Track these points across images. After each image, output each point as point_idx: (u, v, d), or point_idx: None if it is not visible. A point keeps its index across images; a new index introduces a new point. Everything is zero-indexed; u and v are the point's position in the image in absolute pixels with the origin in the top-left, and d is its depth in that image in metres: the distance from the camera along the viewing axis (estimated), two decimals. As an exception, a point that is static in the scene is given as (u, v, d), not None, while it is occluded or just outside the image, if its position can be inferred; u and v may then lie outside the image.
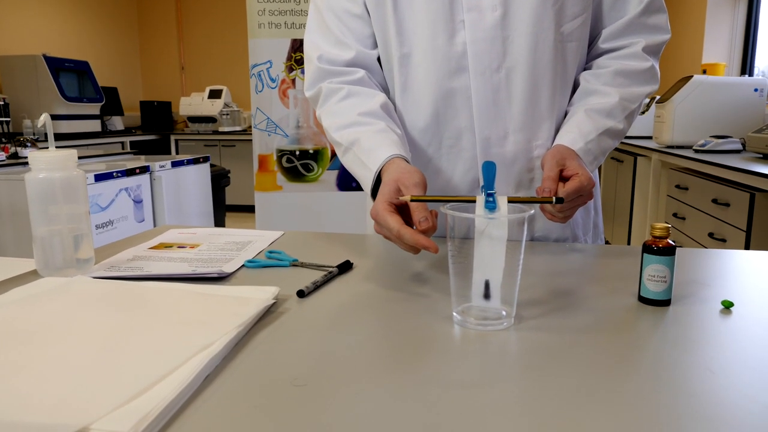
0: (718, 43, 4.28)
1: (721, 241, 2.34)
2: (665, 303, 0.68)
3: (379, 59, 1.01)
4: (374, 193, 0.84)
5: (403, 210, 0.74)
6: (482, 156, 0.94)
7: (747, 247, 2.16)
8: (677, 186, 2.84)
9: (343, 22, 0.99)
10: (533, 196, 0.76)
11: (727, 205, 2.30)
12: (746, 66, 4.21)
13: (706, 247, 2.49)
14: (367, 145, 0.87)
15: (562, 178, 0.82)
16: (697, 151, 2.80)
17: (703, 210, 2.53)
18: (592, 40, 0.99)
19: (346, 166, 0.94)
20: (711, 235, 2.43)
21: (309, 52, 1.01)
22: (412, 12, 0.93)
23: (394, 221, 0.71)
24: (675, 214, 2.85)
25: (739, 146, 2.75)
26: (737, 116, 3.00)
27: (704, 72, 3.83)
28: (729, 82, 3.10)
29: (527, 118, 0.93)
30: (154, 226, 2.84)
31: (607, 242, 4.28)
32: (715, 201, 2.39)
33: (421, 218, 0.70)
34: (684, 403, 0.46)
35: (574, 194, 0.80)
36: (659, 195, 3.30)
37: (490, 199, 0.63)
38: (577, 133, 0.90)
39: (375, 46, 1.01)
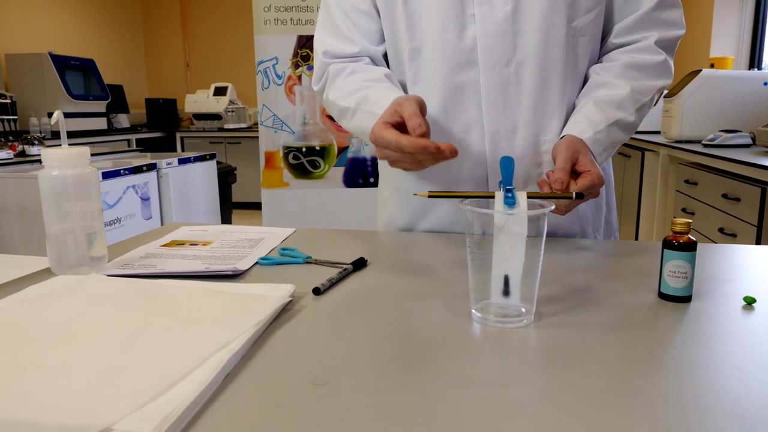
0: (726, 37, 4.25)
1: (732, 236, 2.33)
2: (686, 299, 0.67)
3: (385, 56, 1.02)
4: None
5: (401, 129, 0.76)
6: (491, 150, 0.94)
7: (758, 242, 2.14)
8: (686, 181, 2.82)
9: (350, 18, 1.00)
10: (553, 192, 0.75)
11: (738, 199, 2.28)
12: (755, 60, 4.18)
13: (716, 243, 2.48)
14: (374, 98, 0.89)
15: (574, 172, 0.81)
16: (706, 145, 2.78)
17: (713, 205, 2.51)
18: (605, 36, 0.97)
19: (354, 129, 0.95)
20: (721, 230, 2.41)
21: (316, 48, 1.03)
22: (422, 6, 0.93)
23: (391, 134, 0.74)
24: (684, 209, 2.83)
25: (749, 140, 2.73)
26: (747, 110, 2.98)
27: (712, 66, 3.80)
28: (738, 76, 3.07)
29: (536, 112, 0.93)
30: (162, 223, 2.84)
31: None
32: (725, 196, 2.38)
33: (415, 125, 0.72)
34: (712, 402, 0.45)
35: (584, 191, 0.79)
36: (668, 190, 3.28)
37: (509, 194, 0.62)
38: (587, 123, 0.89)
39: (381, 42, 1.01)
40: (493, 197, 0.63)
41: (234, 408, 0.45)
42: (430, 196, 0.68)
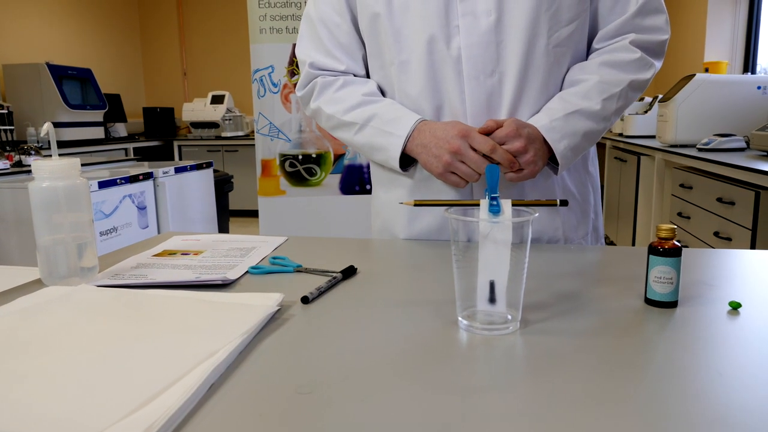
0: (720, 41, 4.28)
1: (727, 240, 2.33)
2: (672, 305, 0.67)
3: (367, 74, 1.05)
4: (402, 159, 0.95)
5: None
6: None
7: (753, 245, 2.14)
8: (681, 185, 2.83)
9: (335, 36, 1.03)
10: (537, 200, 0.76)
11: (732, 203, 2.29)
12: (749, 64, 4.20)
13: (711, 246, 2.48)
14: (388, 116, 0.95)
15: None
16: (700, 149, 2.79)
17: (708, 209, 2.52)
18: (589, 45, 0.98)
19: (362, 143, 0.98)
20: (716, 234, 2.42)
21: (302, 58, 1.07)
22: (408, 20, 0.94)
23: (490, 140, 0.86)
24: (680, 214, 2.84)
25: (743, 144, 2.74)
26: (741, 114, 2.99)
27: (706, 70, 3.82)
28: (732, 80, 3.09)
29: None
30: (158, 232, 2.84)
31: (612, 243, 4.27)
32: (719, 200, 2.38)
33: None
34: (693, 406, 0.46)
35: (505, 137, 0.85)
36: (663, 194, 3.29)
37: (494, 202, 0.62)
38: (545, 113, 0.91)
39: (363, 61, 1.05)
40: (478, 205, 0.63)
41: (218, 417, 0.45)
42: (416, 205, 0.69)
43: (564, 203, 0.69)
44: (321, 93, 1.03)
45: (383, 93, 1.03)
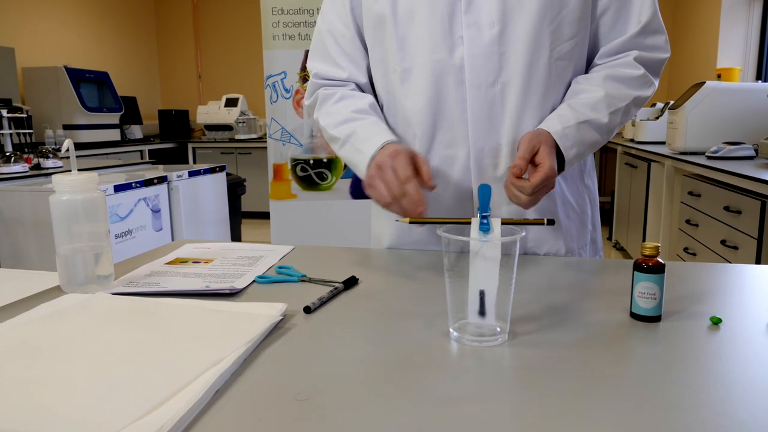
0: (733, 48, 4.27)
1: (734, 249, 2.34)
2: (656, 319, 0.70)
3: (371, 83, 1.09)
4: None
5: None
6: (476, 166, 0.98)
7: (759, 255, 2.15)
8: (690, 192, 2.84)
9: (340, 45, 1.08)
10: (526, 218, 0.79)
11: (739, 212, 2.30)
12: (762, 70, 4.19)
13: (719, 254, 2.49)
14: (362, 135, 0.98)
15: (534, 164, 0.87)
16: (709, 157, 2.80)
17: (716, 217, 2.52)
18: (590, 60, 1.01)
19: (343, 158, 1.03)
20: (723, 242, 2.43)
21: (309, 69, 1.13)
22: (412, 28, 0.98)
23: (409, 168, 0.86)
24: (688, 221, 2.85)
25: (752, 152, 2.74)
26: (750, 122, 2.99)
27: (719, 77, 3.82)
28: (742, 88, 3.09)
29: (519, 131, 0.96)
30: (172, 235, 2.90)
31: (622, 248, 4.26)
32: (727, 208, 2.39)
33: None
34: (659, 420, 0.49)
35: (539, 186, 0.84)
36: (673, 201, 3.29)
37: (485, 221, 0.66)
38: (557, 119, 0.93)
39: (366, 69, 1.09)
40: (470, 223, 0.67)
41: (221, 421, 0.49)
42: (411, 222, 0.73)
43: (551, 222, 0.73)
44: (321, 105, 1.07)
45: (385, 101, 1.06)
